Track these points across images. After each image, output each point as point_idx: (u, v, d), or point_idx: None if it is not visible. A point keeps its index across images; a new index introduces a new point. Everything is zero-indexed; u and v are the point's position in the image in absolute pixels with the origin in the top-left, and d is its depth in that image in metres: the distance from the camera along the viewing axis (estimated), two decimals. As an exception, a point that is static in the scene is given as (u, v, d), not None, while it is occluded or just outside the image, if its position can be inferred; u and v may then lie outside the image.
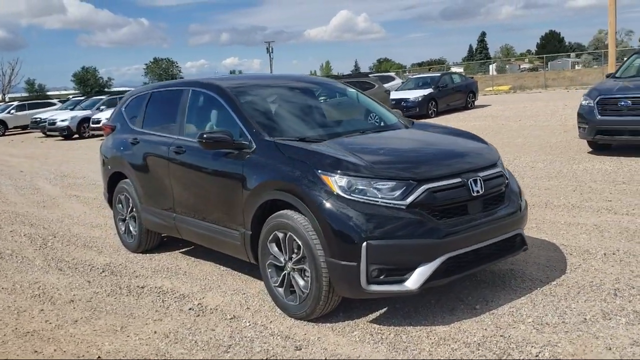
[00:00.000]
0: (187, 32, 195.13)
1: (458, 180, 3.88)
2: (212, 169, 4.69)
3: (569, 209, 6.51)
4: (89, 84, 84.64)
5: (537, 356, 3.33)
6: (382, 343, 3.64)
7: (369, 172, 3.75)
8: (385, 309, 4.14)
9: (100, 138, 23.96)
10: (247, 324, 4.08)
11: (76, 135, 25.00)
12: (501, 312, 3.94)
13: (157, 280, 5.17)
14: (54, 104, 33.75)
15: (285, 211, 4.04)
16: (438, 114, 21.57)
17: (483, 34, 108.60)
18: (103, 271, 5.53)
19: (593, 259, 4.83)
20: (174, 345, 3.85)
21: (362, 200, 3.68)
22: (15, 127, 32.53)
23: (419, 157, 4.10)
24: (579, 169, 8.83)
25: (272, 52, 73.91)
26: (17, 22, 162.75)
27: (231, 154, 4.49)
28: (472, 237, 3.81)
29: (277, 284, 4.20)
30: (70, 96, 46.90)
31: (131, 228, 6.03)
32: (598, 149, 10.25)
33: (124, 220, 6.17)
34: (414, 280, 3.63)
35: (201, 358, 3.64)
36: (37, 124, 27.53)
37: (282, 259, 4.12)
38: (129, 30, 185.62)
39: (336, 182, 3.74)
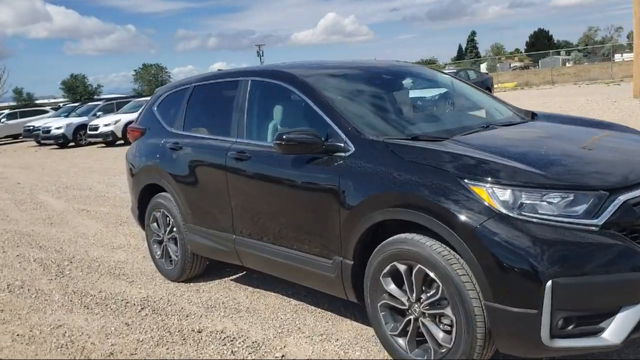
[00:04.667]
0: (174, 38, 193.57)
1: (657, 188, 2.84)
2: (291, 180, 3.61)
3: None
4: (78, 92, 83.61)
5: None
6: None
7: (540, 181, 2.70)
8: None
9: (99, 145, 22.85)
10: (363, 389, 3.03)
11: (72, 144, 23.81)
12: None
13: (215, 320, 4.09)
14: (46, 112, 32.53)
15: (410, 235, 2.98)
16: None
17: (473, 33, 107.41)
18: (142, 308, 4.45)
19: None
20: None
21: (536, 220, 2.63)
22: (6, 137, 31.40)
23: (597, 159, 3.04)
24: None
25: (262, 56, 73.08)
26: (3, 31, 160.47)
27: (318, 160, 3.43)
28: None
29: (395, 333, 3.14)
30: (61, 104, 45.64)
31: (171, 252, 4.93)
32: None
33: (160, 242, 5.07)
34: (616, 330, 2.57)
35: None
36: (30, 133, 26.21)
37: (404, 300, 3.07)
38: (116, 37, 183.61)
39: (496, 195, 2.69)
